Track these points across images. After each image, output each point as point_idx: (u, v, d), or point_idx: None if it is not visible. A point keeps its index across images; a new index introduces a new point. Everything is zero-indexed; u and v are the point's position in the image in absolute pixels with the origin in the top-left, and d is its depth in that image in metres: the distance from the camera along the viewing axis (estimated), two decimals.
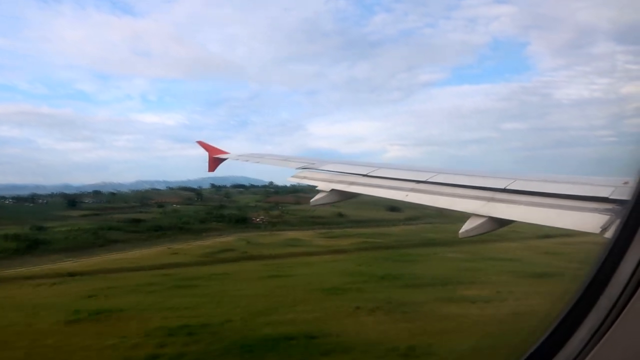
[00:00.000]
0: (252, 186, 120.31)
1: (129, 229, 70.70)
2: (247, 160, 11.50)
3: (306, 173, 8.64)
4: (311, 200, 7.70)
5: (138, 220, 75.77)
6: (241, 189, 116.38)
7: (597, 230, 3.72)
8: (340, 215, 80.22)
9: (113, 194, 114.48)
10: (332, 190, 7.39)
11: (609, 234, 3.48)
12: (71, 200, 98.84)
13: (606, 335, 1.71)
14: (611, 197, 3.96)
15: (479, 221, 4.92)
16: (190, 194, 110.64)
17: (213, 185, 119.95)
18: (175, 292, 38.22)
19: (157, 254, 58.67)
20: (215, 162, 12.54)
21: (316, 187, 7.74)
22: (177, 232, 70.95)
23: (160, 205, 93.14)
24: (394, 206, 73.63)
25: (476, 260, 46.11)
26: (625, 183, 3.99)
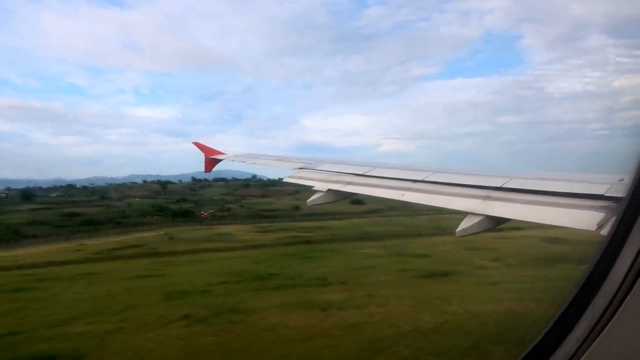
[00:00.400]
0: (235, 179, 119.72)
1: (59, 224, 69.09)
2: (243, 162, 11.47)
3: (302, 173, 8.64)
4: (308, 201, 7.70)
5: (74, 215, 74.19)
6: (221, 182, 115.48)
7: (593, 228, 3.73)
8: (297, 208, 78.61)
9: (72, 186, 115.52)
10: (329, 190, 7.40)
11: (604, 232, 3.48)
12: (28, 194, 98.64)
13: (603, 333, 1.71)
14: (607, 194, 3.97)
15: (476, 220, 4.93)
16: (159, 187, 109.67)
17: (194, 179, 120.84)
18: (5, 296, 33.60)
19: (58, 251, 55.50)
20: (211, 162, 12.51)
21: (313, 187, 7.74)
22: (109, 227, 69.30)
23: (119, 199, 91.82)
24: (357, 199, 72.68)
25: (387, 256, 44.41)
26: (621, 180, 4.01)
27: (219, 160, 12.33)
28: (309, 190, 7.87)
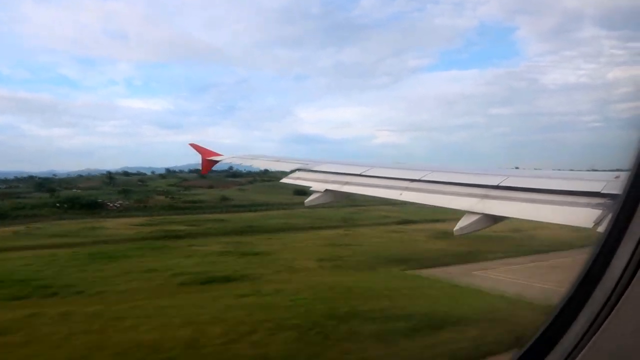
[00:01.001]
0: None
1: None
2: (240, 163, 11.47)
3: (300, 174, 8.65)
4: (305, 201, 7.71)
5: None
6: (195, 174, 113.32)
7: (590, 225, 3.76)
8: (225, 198, 76.14)
9: (32, 177, 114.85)
10: (326, 190, 7.41)
11: (601, 229, 3.51)
12: None
13: (601, 328, 1.73)
14: (603, 191, 4.00)
15: (474, 218, 4.95)
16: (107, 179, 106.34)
17: (167, 170, 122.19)
18: None
19: None
20: (208, 163, 12.50)
21: (310, 187, 7.75)
22: None
23: (51, 190, 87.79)
24: (302, 190, 70.68)
25: (216, 254, 39.83)
26: (617, 177, 4.04)
27: (216, 162, 12.32)
28: (306, 189, 7.83)
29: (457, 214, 5.07)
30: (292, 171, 8.89)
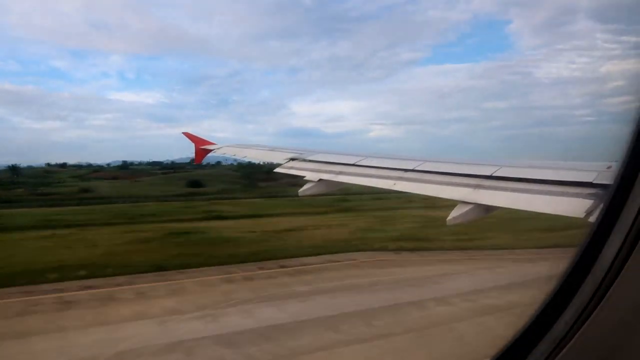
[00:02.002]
0: (174, 163, 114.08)
1: None
2: (234, 155, 11.42)
3: (294, 163, 8.63)
4: (299, 191, 7.69)
5: None
6: (155, 166, 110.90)
7: (582, 215, 3.77)
8: (85, 190, 67.83)
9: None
10: (320, 180, 7.39)
11: (593, 218, 3.52)
12: None
13: (590, 319, 1.74)
14: (595, 181, 4.01)
15: (467, 208, 4.96)
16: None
17: (124, 162, 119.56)
18: None
19: None
20: (202, 152, 12.45)
21: (304, 177, 7.73)
22: None
23: None
24: (196, 181, 71.38)
25: None
26: (609, 168, 4.04)
27: (210, 150, 12.27)
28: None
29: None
30: (287, 161, 8.86)
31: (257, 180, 69.50)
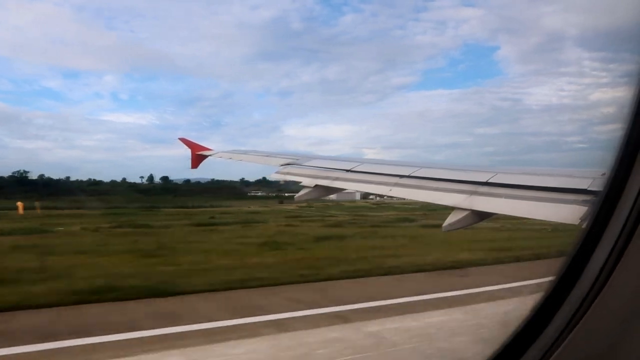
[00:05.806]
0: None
1: None
2: (230, 158, 11.40)
3: (290, 169, 8.61)
4: (295, 196, 7.68)
5: None
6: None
7: (577, 221, 3.77)
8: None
9: None
10: (316, 185, 7.38)
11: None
12: None
13: (580, 324, 1.74)
14: (589, 188, 4.02)
15: (462, 214, 4.95)
16: None
17: (92, 179, 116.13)
18: None
19: None
20: (198, 158, 12.44)
21: (300, 182, 7.73)
22: None
23: None
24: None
25: None
26: (603, 174, 4.05)
27: (206, 157, 12.26)
28: None
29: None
30: (283, 166, 8.85)
31: None
